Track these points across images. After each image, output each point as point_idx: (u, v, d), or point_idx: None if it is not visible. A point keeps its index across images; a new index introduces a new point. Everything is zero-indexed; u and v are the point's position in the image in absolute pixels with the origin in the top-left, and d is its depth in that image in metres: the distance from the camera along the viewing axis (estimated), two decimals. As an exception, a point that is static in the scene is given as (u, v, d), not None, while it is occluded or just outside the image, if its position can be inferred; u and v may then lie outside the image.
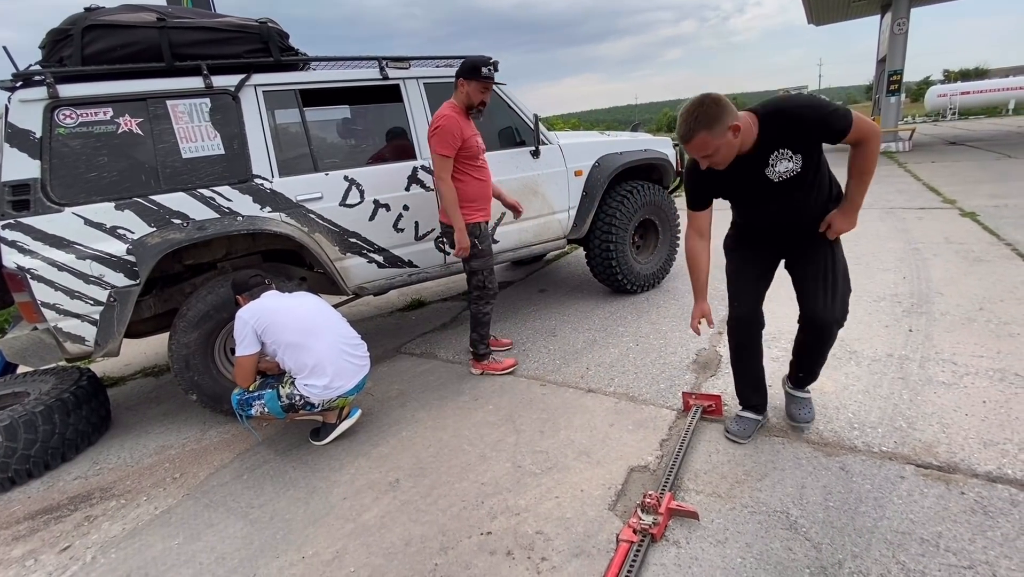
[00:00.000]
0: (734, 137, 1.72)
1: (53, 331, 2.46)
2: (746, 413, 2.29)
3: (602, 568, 1.64)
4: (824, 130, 1.77)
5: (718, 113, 1.67)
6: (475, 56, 2.82)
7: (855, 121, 1.75)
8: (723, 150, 1.75)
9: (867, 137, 1.79)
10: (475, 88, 2.75)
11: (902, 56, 13.45)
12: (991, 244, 4.61)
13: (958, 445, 2.06)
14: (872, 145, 1.81)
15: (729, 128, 1.70)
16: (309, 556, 1.84)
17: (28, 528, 2.21)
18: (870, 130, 1.79)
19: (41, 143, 2.39)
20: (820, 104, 1.79)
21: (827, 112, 1.75)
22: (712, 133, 1.69)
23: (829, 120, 1.74)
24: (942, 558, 1.57)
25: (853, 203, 1.94)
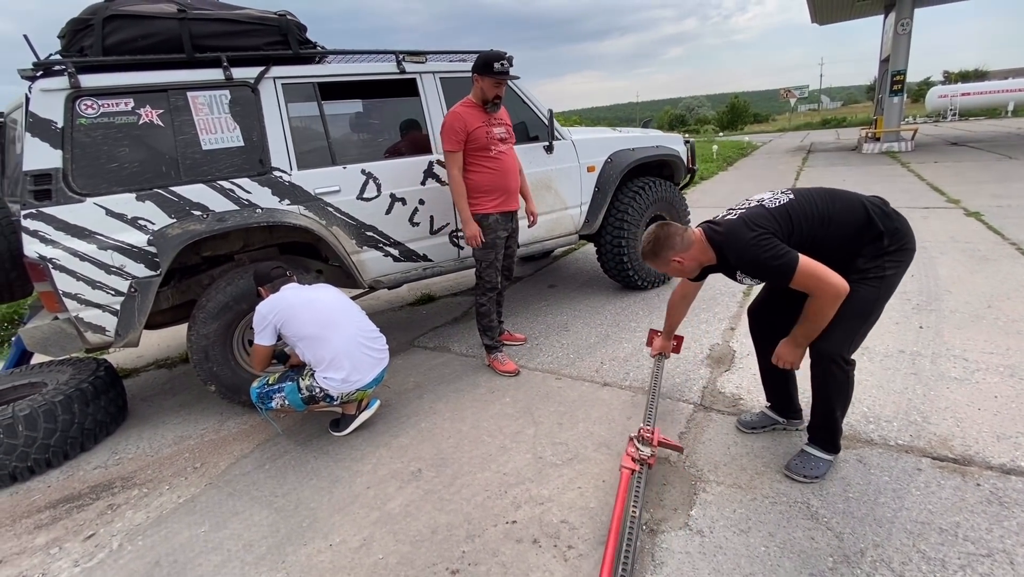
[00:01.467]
0: (680, 265, 1.95)
1: (74, 321, 2.47)
2: (766, 410, 2.31)
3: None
4: (766, 278, 1.88)
5: (658, 249, 1.92)
6: (489, 51, 2.84)
7: (797, 277, 1.69)
8: (673, 272, 2.00)
9: (812, 293, 1.73)
10: (488, 83, 2.78)
11: (905, 56, 13.48)
12: (996, 243, 4.66)
13: (972, 439, 2.10)
14: (819, 301, 1.73)
15: (672, 260, 1.93)
16: (337, 543, 1.86)
17: (50, 517, 2.22)
18: (816, 286, 1.71)
19: (63, 133, 2.39)
20: (758, 258, 1.73)
21: (767, 267, 1.73)
22: (656, 262, 1.97)
23: (770, 275, 1.82)
24: (961, 547, 1.61)
25: (795, 339, 1.88)
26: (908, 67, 13.67)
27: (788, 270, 1.70)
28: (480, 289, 3.09)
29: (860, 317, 1.84)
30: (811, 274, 1.70)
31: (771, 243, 1.73)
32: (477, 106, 2.84)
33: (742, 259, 1.80)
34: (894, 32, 13.58)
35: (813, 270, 1.70)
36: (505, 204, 2.98)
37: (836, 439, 1.98)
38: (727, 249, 1.84)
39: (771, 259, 1.71)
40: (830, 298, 1.71)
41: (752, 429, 2.28)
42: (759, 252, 1.73)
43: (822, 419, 1.96)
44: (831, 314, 1.75)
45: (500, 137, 2.91)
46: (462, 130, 2.76)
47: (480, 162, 2.87)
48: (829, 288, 1.70)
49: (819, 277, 1.70)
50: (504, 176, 2.94)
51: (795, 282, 1.72)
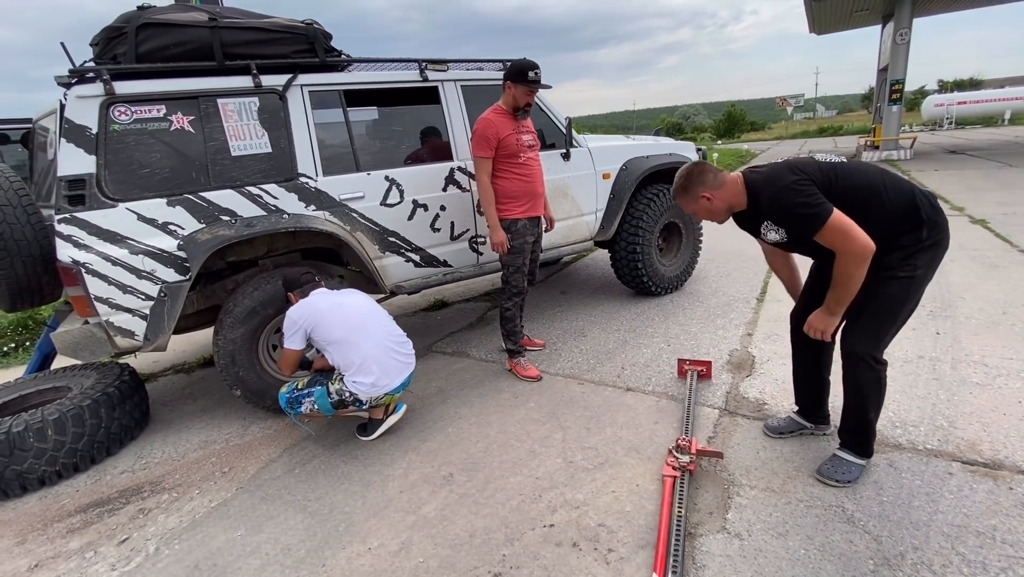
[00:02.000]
0: (709, 204, 1.92)
1: (104, 325, 2.48)
2: (793, 415, 2.33)
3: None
4: (797, 229, 1.77)
5: (689, 184, 1.92)
6: (523, 60, 2.89)
7: (826, 232, 1.68)
8: (701, 212, 1.98)
9: (838, 251, 1.70)
10: (521, 91, 2.83)
11: (904, 65, 13.65)
12: (1005, 250, 4.71)
13: (1000, 443, 2.12)
14: (843, 261, 1.70)
15: (701, 196, 1.91)
16: (375, 547, 1.87)
17: (81, 521, 2.22)
18: (841, 243, 1.68)
19: (97, 139, 2.42)
20: (788, 204, 1.72)
21: (793, 214, 1.72)
22: (685, 199, 1.97)
23: (799, 224, 1.74)
24: (1000, 550, 1.62)
25: (827, 307, 1.85)
26: (905, 76, 13.83)
27: (818, 220, 1.67)
28: (507, 294, 3.12)
29: (890, 315, 1.86)
30: (839, 228, 1.67)
31: (810, 190, 1.70)
32: (507, 113, 2.88)
33: (775, 202, 1.76)
34: (892, 42, 13.75)
35: (842, 225, 1.67)
36: (532, 209, 3.03)
37: (869, 443, 2.00)
38: (762, 191, 1.81)
39: (804, 205, 1.69)
40: (856, 256, 1.68)
41: (780, 434, 2.30)
42: (795, 196, 1.71)
43: (855, 422, 1.98)
44: (859, 276, 1.72)
45: (528, 144, 2.96)
46: (494, 137, 2.80)
47: (510, 168, 2.91)
48: (855, 245, 1.67)
49: (846, 233, 1.67)
50: (532, 182, 2.99)
51: (822, 235, 1.69)
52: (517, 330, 3.18)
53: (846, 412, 2.00)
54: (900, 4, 13.29)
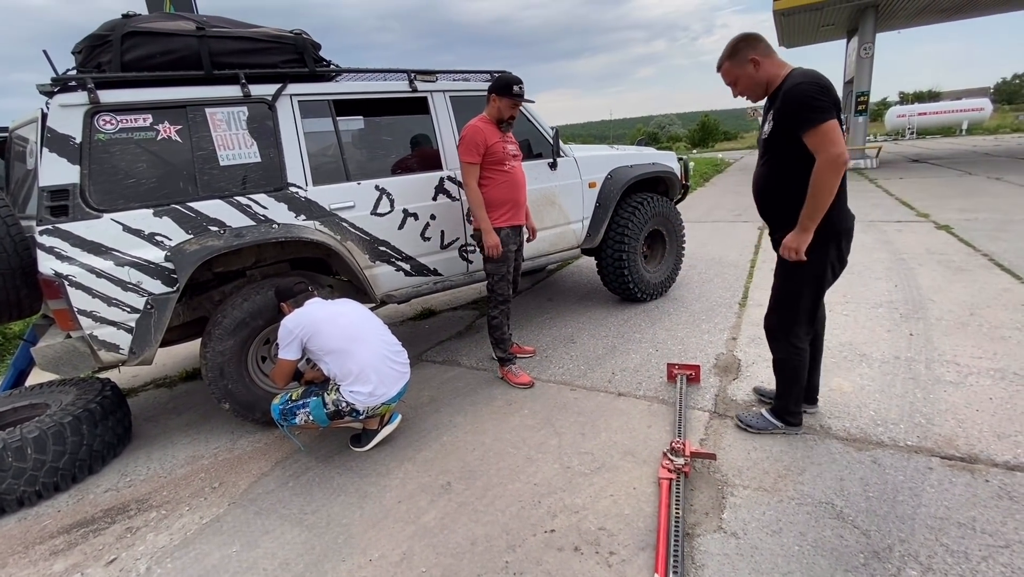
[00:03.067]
0: (754, 70, 1.99)
1: (88, 339, 2.41)
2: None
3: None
4: (791, 118, 1.89)
5: (742, 47, 2.00)
6: (508, 75, 3.00)
7: (817, 132, 1.81)
8: (743, 80, 2.03)
9: (817, 151, 1.83)
10: (506, 104, 2.90)
11: (868, 78, 14.22)
12: (969, 255, 4.94)
13: (975, 438, 2.23)
14: (819, 163, 1.84)
15: (749, 60, 1.98)
16: (376, 558, 1.85)
17: (65, 542, 2.15)
18: (823, 150, 1.81)
19: (81, 148, 2.36)
20: (804, 97, 1.84)
21: (800, 107, 1.84)
22: (733, 62, 2.03)
23: (799, 114, 1.86)
24: (980, 540, 1.70)
25: (800, 223, 1.97)
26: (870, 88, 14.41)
27: (819, 118, 1.80)
28: (493, 302, 3.15)
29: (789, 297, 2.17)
30: (829, 132, 1.80)
31: (828, 98, 1.82)
32: (492, 123, 2.95)
33: (796, 91, 1.87)
34: (857, 55, 14.33)
35: (833, 132, 1.80)
36: (515, 217, 3.07)
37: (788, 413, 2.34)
38: (796, 76, 1.91)
39: (817, 100, 1.81)
40: (832, 163, 1.81)
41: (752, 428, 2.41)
42: (817, 92, 1.82)
43: (778, 386, 2.36)
44: (832, 186, 1.85)
45: (513, 153, 3.02)
46: (482, 143, 2.85)
47: (494, 176, 2.95)
48: (836, 149, 1.80)
49: (834, 138, 1.80)
50: (515, 189, 3.03)
51: (814, 132, 1.82)
52: (506, 337, 3.20)
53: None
54: (864, 20, 13.88)
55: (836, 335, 3.37)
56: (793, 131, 1.89)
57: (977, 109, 28.71)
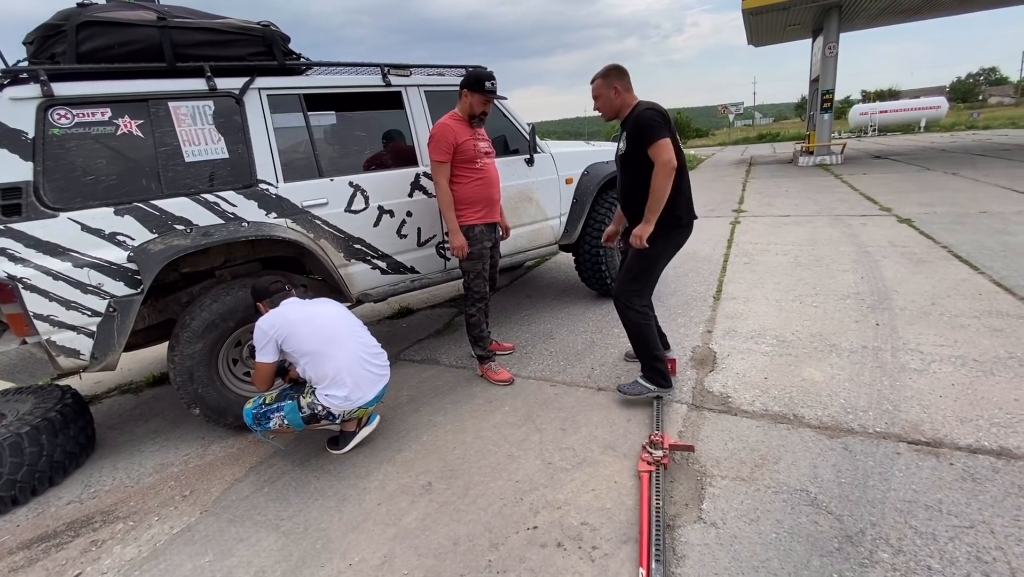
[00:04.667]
0: (614, 96, 2.52)
1: (45, 345, 2.30)
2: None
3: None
4: (639, 138, 2.41)
5: (613, 74, 2.53)
6: (480, 70, 2.95)
7: (657, 147, 2.34)
8: (603, 99, 2.56)
9: (656, 162, 2.35)
10: (478, 99, 2.87)
11: (833, 76, 14.64)
12: (930, 247, 5.13)
13: (939, 423, 2.31)
14: (657, 172, 2.35)
15: (612, 87, 2.52)
16: (356, 562, 1.82)
17: (25, 558, 2.05)
18: (657, 159, 2.34)
19: (34, 144, 2.24)
20: (648, 121, 2.37)
21: (644, 129, 2.38)
22: (603, 82, 2.55)
23: (643, 135, 2.39)
24: (946, 520, 1.77)
25: (645, 218, 2.46)
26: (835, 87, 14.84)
27: (656, 135, 2.33)
28: (469, 300, 3.12)
29: (638, 271, 2.65)
30: (664, 147, 2.34)
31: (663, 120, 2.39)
32: (463, 120, 2.91)
33: (642, 117, 2.40)
34: (823, 54, 14.73)
35: (667, 148, 2.34)
36: (489, 215, 3.04)
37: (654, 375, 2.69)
38: (639, 107, 2.47)
39: (655, 123, 2.35)
40: (665, 168, 2.33)
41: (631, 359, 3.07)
42: (654, 117, 2.38)
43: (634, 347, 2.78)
44: (666, 188, 2.37)
45: (485, 151, 2.98)
46: (451, 141, 2.81)
47: (466, 174, 2.91)
48: (667, 157, 2.33)
49: (667, 153, 2.34)
50: (488, 187, 3.00)
51: (654, 148, 2.34)
52: (484, 335, 3.18)
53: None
54: (828, 20, 14.27)
55: (807, 326, 3.46)
56: (640, 147, 2.41)
57: (934, 107, 29.91)
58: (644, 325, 2.66)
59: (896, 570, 1.60)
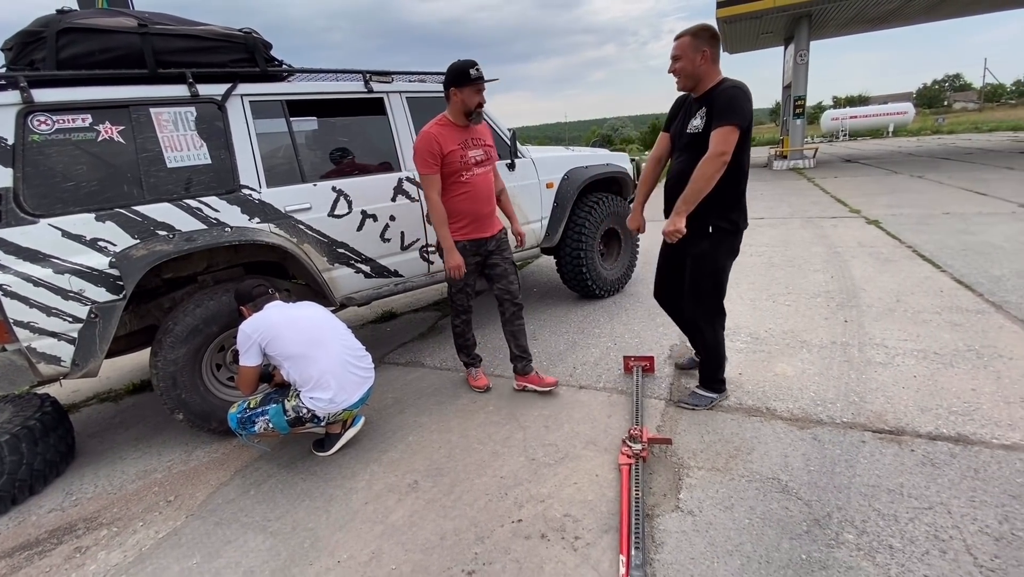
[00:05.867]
0: (700, 60, 2.21)
1: (25, 352, 2.28)
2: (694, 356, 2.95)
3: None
4: (718, 113, 2.16)
5: (704, 36, 2.22)
6: (458, 61, 2.63)
7: (724, 130, 2.12)
8: (685, 61, 2.24)
9: (712, 149, 2.14)
10: (468, 92, 2.59)
11: (804, 83, 15.09)
12: (896, 247, 5.35)
13: (901, 412, 2.44)
14: (708, 161, 2.14)
15: (703, 48, 2.20)
16: (344, 560, 1.85)
17: (8, 566, 2.03)
18: (715, 147, 2.13)
19: (13, 150, 2.23)
20: (736, 101, 2.13)
21: (729, 107, 2.13)
22: (692, 41, 2.21)
23: (721, 113, 2.15)
24: (907, 503, 1.88)
25: (676, 209, 2.29)
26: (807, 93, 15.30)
27: (733, 119, 2.11)
28: (453, 312, 3.02)
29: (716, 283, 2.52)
30: (728, 136, 2.12)
31: (747, 114, 2.16)
32: (452, 124, 2.67)
33: (729, 94, 2.15)
34: (794, 62, 15.19)
35: (733, 137, 2.13)
36: (474, 231, 2.79)
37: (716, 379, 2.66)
38: (730, 83, 2.20)
39: (740, 107, 2.12)
40: (717, 160, 2.13)
41: (685, 369, 3.03)
42: (744, 102, 2.14)
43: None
44: (714, 178, 2.16)
45: (476, 160, 2.72)
46: (436, 152, 2.59)
47: (449, 187, 2.69)
48: (725, 149, 2.12)
49: (729, 142, 2.13)
50: (474, 202, 2.74)
51: (720, 129, 2.12)
52: (468, 344, 3.11)
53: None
54: (799, 28, 14.72)
55: (779, 324, 3.59)
56: (715, 123, 2.15)
57: (901, 113, 30.97)
58: (722, 344, 2.60)
59: (860, 549, 1.69)
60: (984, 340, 3.08)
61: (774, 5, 13.28)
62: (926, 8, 15.81)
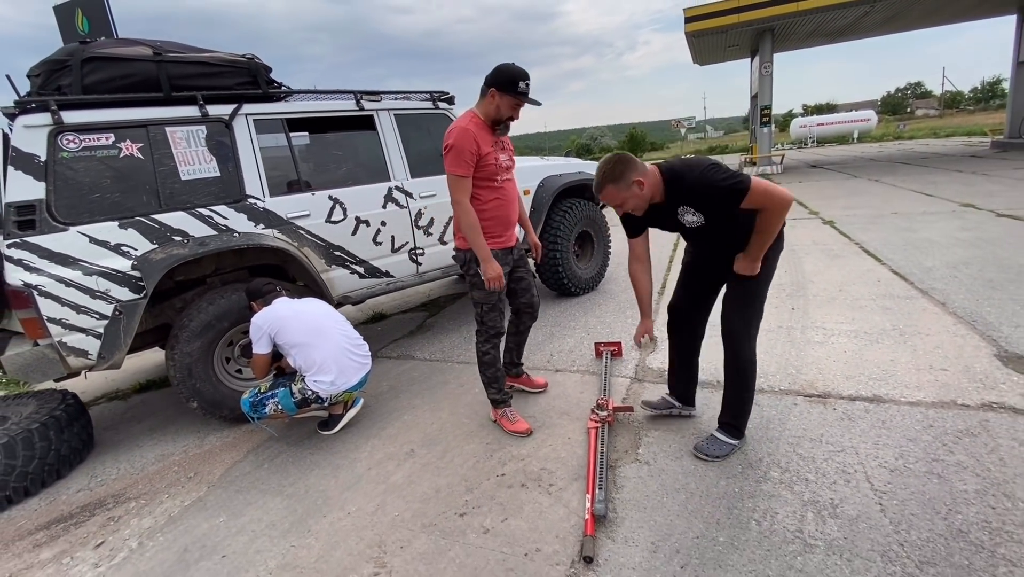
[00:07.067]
0: (640, 190, 1.98)
1: (56, 346, 2.54)
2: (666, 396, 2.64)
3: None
4: (718, 202, 1.96)
5: (623, 170, 1.96)
6: (512, 67, 2.35)
7: (751, 195, 1.87)
8: (631, 201, 2.02)
9: (763, 207, 1.91)
10: (507, 102, 2.36)
11: (770, 93, 15.86)
12: (845, 244, 5.85)
13: (830, 380, 2.83)
14: (767, 214, 1.92)
15: (634, 182, 1.97)
16: (354, 512, 2.16)
17: (47, 536, 2.28)
18: (766, 202, 1.89)
19: (46, 166, 2.52)
20: (714, 181, 1.90)
21: (719, 189, 1.90)
22: (618, 186, 1.98)
23: (721, 197, 1.93)
24: (825, 448, 2.26)
25: (749, 253, 2.07)
26: (773, 102, 16.08)
27: (743, 187, 1.86)
28: (483, 336, 2.62)
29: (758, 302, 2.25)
30: (763, 190, 1.87)
31: (725, 168, 1.96)
32: (485, 125, 2.41)
33: (701, 182, 1.93)
34: (759, 73, 15.96)
35: (765, 186, 1.88)
36: (506, 239, 2.59)
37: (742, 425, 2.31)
38: (685, 175, 1.98)
39: (726, 180, 1.89)
40: (780, 208, 1.91)
41: (654, 410, 2.62)
42: (718, 172, 1.91)
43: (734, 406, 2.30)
44: (779, 224, 1.97)
45: (506, 165, 2.52)
46: (474, 152, 2.32)
47: (482, 193, 2.45)
48: (780, 199, 1.89)
49: (770, 191, 1.88)
50: (507, 208, 2.56)
51: (749, 199, 1.87)
52: (500, 376, 2.68)
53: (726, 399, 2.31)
54: (763, 41, 15.51)
55: (735, 312, 3.99)
56: (730, 207, 1.94)
57: (865, 120, 32.32)
58: (755, 366, 2.23)
59: (782, 483, 2.06)
60: (908, 321, 3.52)
61: (738, 21, 14.01)
62: (880, 22, 16.78)
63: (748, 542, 1.78)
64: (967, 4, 15.34)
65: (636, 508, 2.01)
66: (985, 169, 11.56)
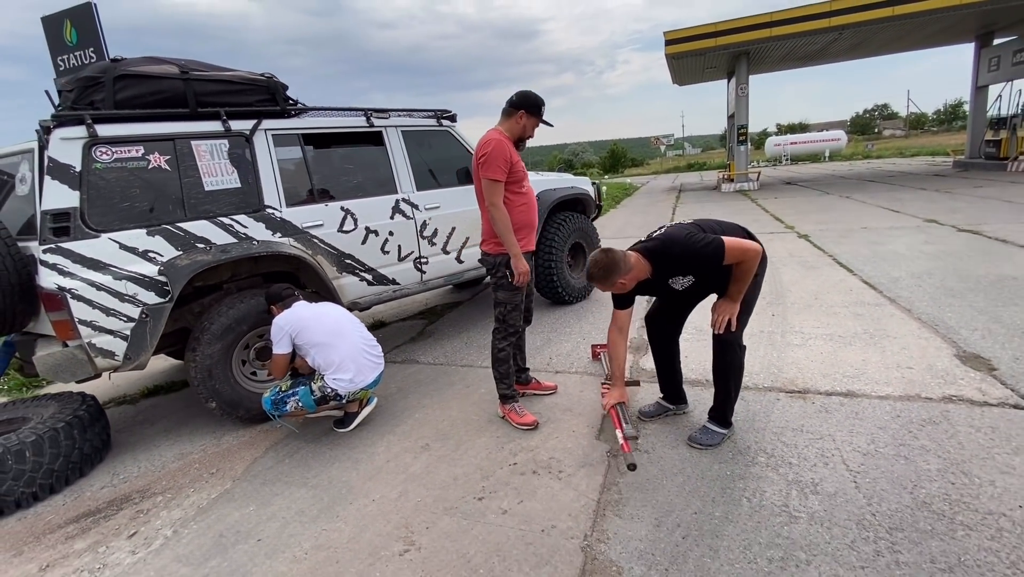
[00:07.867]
0: (623, 286, 2.28)
1: (86, 347, 2.66)
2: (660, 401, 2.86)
3: (601, 474, 2.35)
4: (704, 262, 2.20)
5: (607, 273, 2.24)
6: (534, 94, 2.73)
7: (727, 254, 2.14)
8: (622, 282, 2.27)
9: (738, 260, 2.19)
10: (532, 124, 2.73)
11: (746, 113, 16.54)
12: (819, 256, 6.22)
13: (808, 378, 3.10)
14: (743, 266, 2.20)
15: (618, 282, 2.25)
16: (378, 499, 2.32)
17: (78, 528, 2.38)
18: (741, 256, 2.17)
19: (80, 176, 2.66)
20: (692, 251, 2.17)
21: (699, 257, 2.17)
22: (604, 284, 2.29)
23: (701, 263, 2.20)
24: (805, 436, 2.50)
25: (729, 296, 2.34)
26: (749, 121, 16.77)
27: (720, 250, 2.13)
28: (501, 333, 2.85)
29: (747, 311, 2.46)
30: (737, 247, 2.16)
31: (701, 235, 2.21)
32: (511, 141, 2.72)
33: (683, 255, 2.20)
34: (736, 94, 16.66)
35: (738, 244, 2.18)
36: (530, 242, 2.87)
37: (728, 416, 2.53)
38: (665, 252, 2.25)
39: (705, 247, 2.15)
40: (754, 259, 2.21)
41: (651, 417, 2.79)
42: (694, 244, 2.18)
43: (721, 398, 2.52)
44: (752, 272, 2.24)
45: (526, 171, 2.85)
46: (508, 159, 2.61)
47: (513, 198, 2.70)
48: (753, 253, 2.20)
49: (744, 248, 2.17)
50: (532, 211, 2.84)
51: (728, 256, 2.14)
52: (511, 372, 2.92)
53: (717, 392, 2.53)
54: (739, 64, 16.22)
55: (720, 319, 4.27)
56: (713, 268, 2.22)
57: (835, 139, 33.69)
58: (743, 363, 2.50)
59: (768, 466, 2.30)
60: (877, 325, 3.83)
61: (715, 44, 14.67)
62: (847, 48, 17.71)
63: (740, 516, 2.00)
64: (928, 32, 16.32)
65: (639, 490, 2.22)
66: (948, 187, 12.26)
